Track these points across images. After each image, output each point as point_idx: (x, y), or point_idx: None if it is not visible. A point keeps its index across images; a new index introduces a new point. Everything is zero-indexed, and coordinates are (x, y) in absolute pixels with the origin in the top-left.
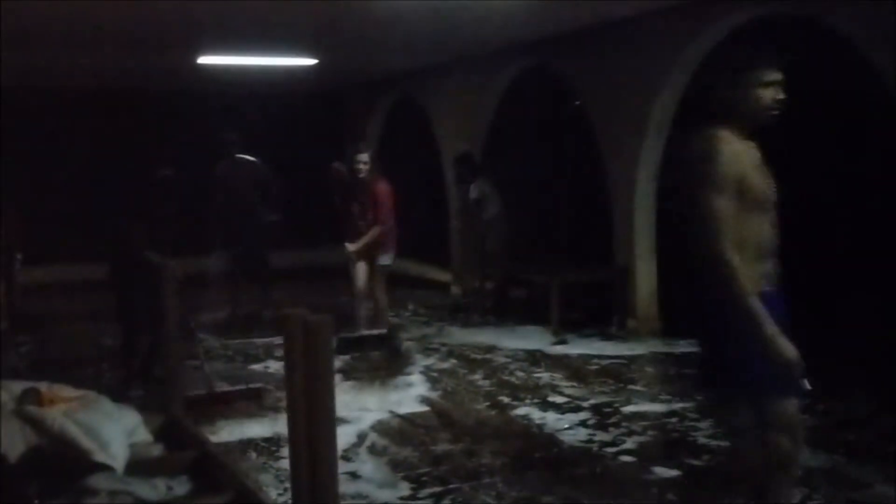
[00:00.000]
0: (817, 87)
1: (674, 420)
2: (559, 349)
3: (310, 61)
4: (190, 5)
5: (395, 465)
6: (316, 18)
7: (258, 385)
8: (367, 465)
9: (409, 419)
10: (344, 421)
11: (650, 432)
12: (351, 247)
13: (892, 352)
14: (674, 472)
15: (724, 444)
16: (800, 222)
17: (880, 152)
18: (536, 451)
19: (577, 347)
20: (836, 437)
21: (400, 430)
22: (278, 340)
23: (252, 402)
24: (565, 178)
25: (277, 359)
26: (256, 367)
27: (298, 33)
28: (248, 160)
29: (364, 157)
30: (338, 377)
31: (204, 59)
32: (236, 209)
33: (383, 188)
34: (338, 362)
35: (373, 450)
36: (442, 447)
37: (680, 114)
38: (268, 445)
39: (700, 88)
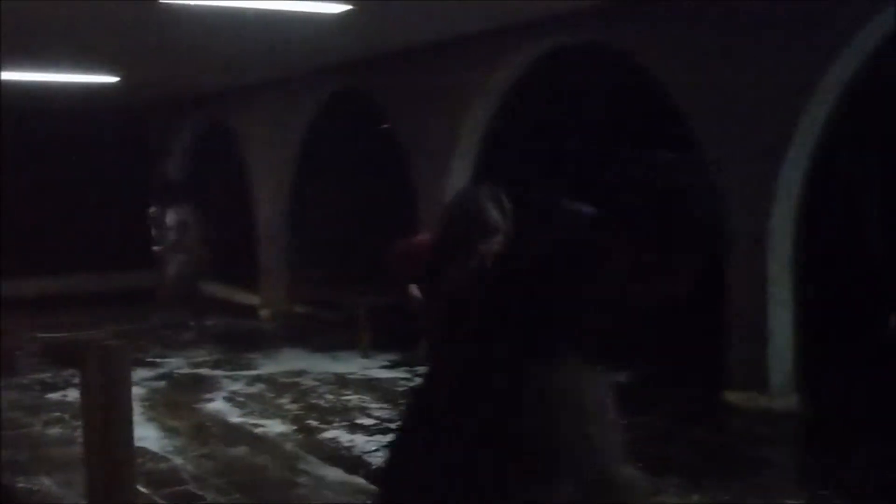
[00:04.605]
0: (614, 108)
1: None
2: (368, 371)
3: (111, 79)
4: None
5: (210, 493)
6: (117, 35)
7: None
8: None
9: (218, 446)
10: (147, 451)
11: None
12: None
13: (694, 367)
14: None
15: None
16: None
17: (678, 172)
18: (345, 474)
19: (386, 369)
20: (639, 451)
21: (212, 457)
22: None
23: None
24: (377, 201)
25: (77, 387)
26: (54, 395)
27: (99, 50)
28: None
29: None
30: (137, 405)
31: (2, 75)
32: None
33: None
34: (136, 389)
35: (179, 481)
36: (254, 474)
37: (487, 137)
38: None
39: None
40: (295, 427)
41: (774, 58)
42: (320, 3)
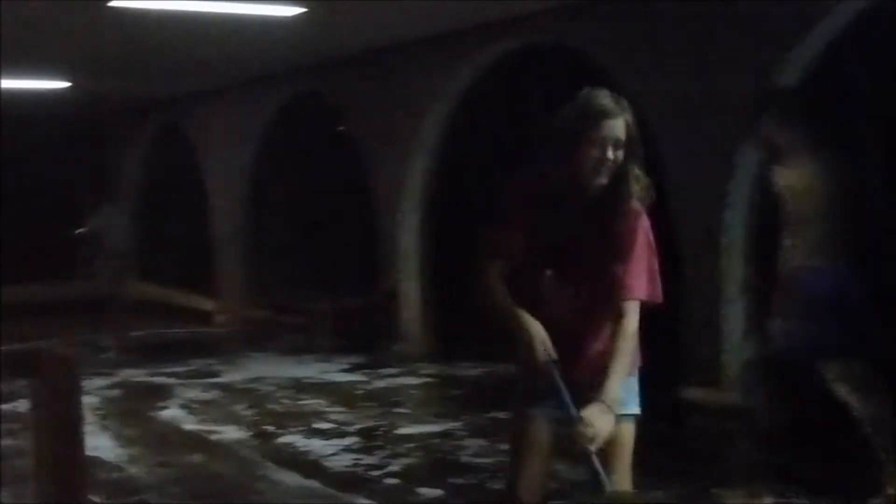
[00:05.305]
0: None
1: (438, 441)
2: (326, 375)
3: (61, 84)
4: None
5: (166, 500)
6: (65, 39)
7: None
8: None
9: (174, 453)
10: (102, 461)
11: (416, 454)
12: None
13: (650, 364)
14: (438, 492)
15: (487, 461)
16: None
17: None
18: (302, 479)
19: (344, 373)
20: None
21: (167, 465)
22: None
23: None
24: (336, 204)
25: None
26: (5, 407)
27: (47, 54)
28: None
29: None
30: (90, 415)
31: None
32: None
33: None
34: (90, 398)
35: (135, 490)
36: (210, 481)
37: (445, 140)
38: None
39: None
40: (251, 433)
41: (730, 56)
42: (273, 6)
